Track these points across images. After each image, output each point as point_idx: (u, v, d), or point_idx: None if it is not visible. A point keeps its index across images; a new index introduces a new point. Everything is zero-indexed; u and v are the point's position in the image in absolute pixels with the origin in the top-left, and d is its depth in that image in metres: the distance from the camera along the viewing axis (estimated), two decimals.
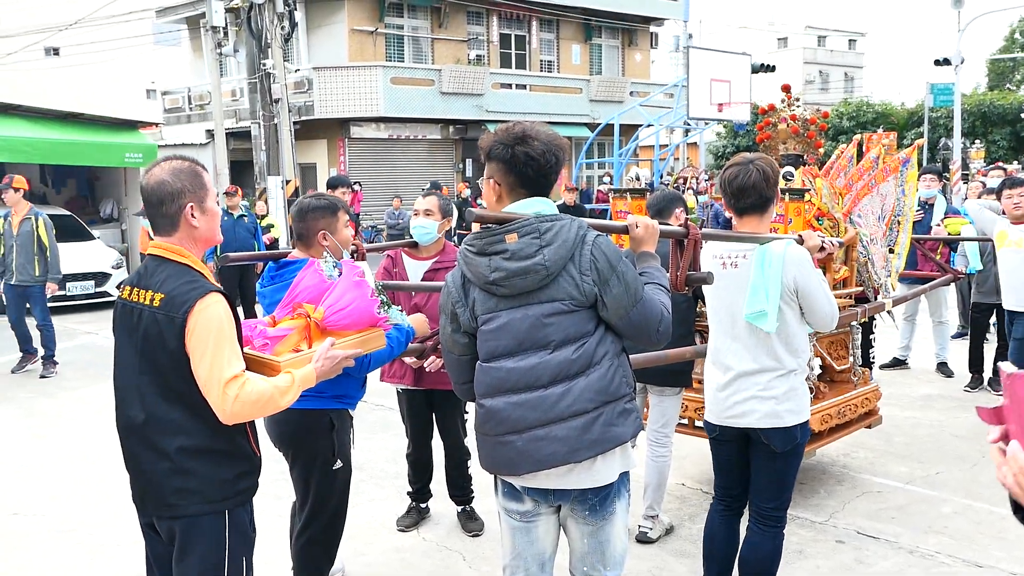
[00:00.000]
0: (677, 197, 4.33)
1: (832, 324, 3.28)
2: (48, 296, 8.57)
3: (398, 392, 4.49)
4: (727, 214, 3.44)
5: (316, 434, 3.37)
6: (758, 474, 3.34)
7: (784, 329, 3.20)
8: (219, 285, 2.42)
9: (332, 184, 7.98)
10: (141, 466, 2.43)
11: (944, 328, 7.91)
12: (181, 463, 2.37)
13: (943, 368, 7.85)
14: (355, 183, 20.16)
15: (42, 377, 8.56)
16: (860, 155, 5.44)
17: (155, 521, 2.47)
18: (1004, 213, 6.23)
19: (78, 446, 6.19)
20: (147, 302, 2.39)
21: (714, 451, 3.51)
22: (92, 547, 4.47)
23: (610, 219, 4.69)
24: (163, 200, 2.41)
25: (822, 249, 3.60)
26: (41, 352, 8.73)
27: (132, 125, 15.95)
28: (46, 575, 4.19)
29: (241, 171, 21.93)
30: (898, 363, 8.07)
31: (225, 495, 2.42)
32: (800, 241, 3.29)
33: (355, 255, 3.60)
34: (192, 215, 2.43)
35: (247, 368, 2.42)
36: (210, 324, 2.32)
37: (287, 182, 14.63)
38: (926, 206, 7.80)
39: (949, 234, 7.26)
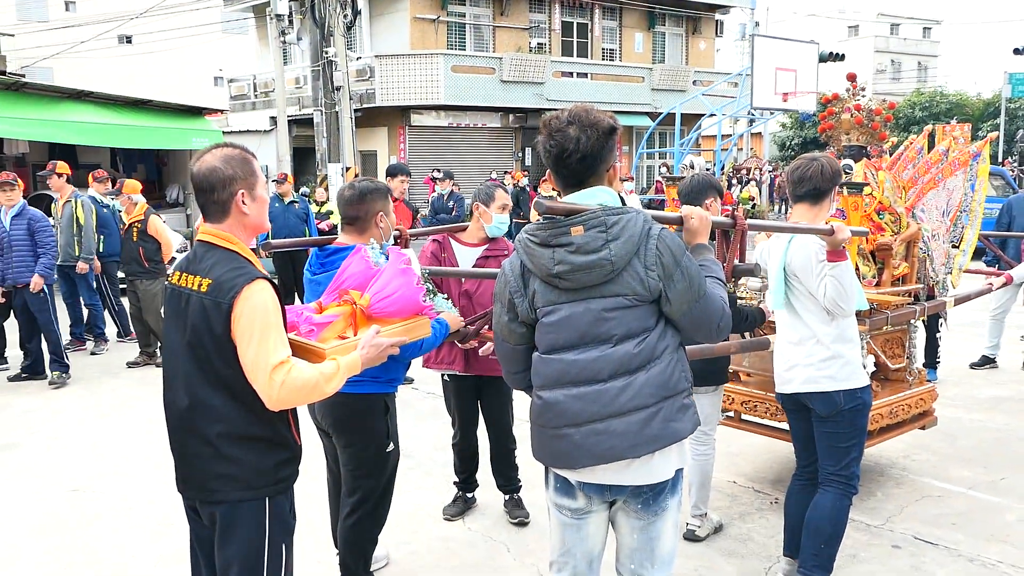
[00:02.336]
0: (709, 184, 4.10)
1: (838, 311, 3.44)
2: (81, 274, 8.68)
3: (444, 379, 4.49)
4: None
5: (373, 418, 3.43)
6: (817, 438, 3.64)
7: (807, 303, 3.53)
8: (265, 272, 2.43)
9: (391, 172, 8.03)
10: (184, 450, 2.46)
11: None
12: (222, 449, 2.39)
13: None
14: (435, 170, 20.20)
15: (92, 354, 8.88)
16: (931, 147, 5.24)
17: (197, 505, 2.50)
18: None
19: (140, 426, 6.35)
20: (195, 287, 2.41)
21: (788, 421, 3.89)
22: (147, 527, 4.58)
23: (664, 208, 4.61)
24: (214, 186, 2.43)
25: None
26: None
27: (199, 112, 16.28)
28: (100, 554, 4.31)
29: (303, 158, 22.28)
30: (987, 361, 7.80)
31: (266, 482, 2.43)
32: (830, 232, 3.33)
33: (398, 240, 3.62)
34: (243, 202, 2.44)
35: (293, 354, 2.43)
36: (256, 311, 2.33)
37: (347, 169, 14.78)
38: None
39: None
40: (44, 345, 7.77)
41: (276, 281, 3.25)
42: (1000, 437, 5.86)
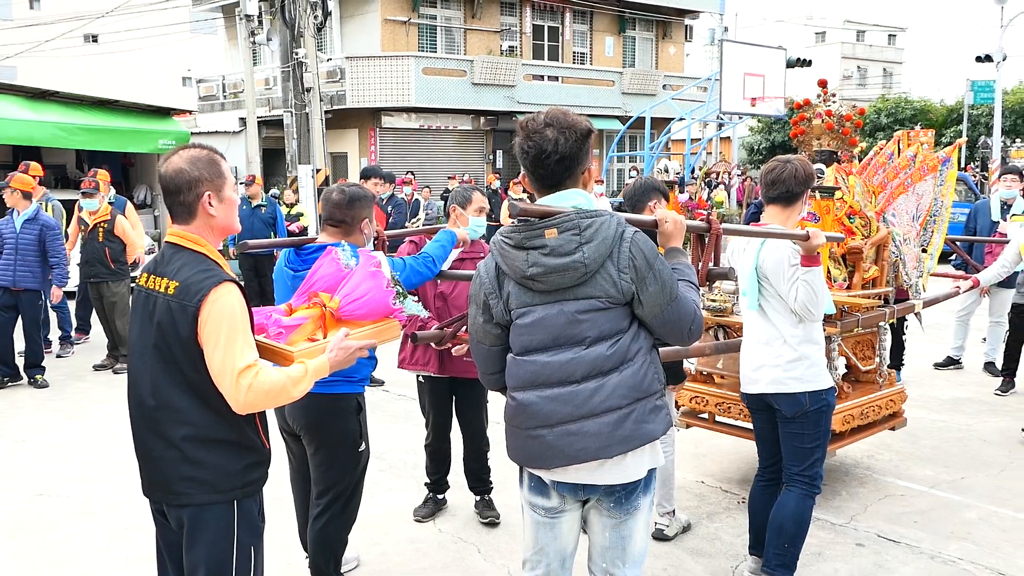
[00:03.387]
0: (653, 187, 4.09)
1: (807, 315, 3.49)
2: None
3: (419, 380, 4.50)
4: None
5: (345, 417, 3.45)
6: (782, 439, 3.69)
7: (776, 304, 3.57)
8: (232, 275, 2.42)
9: (365, 174, 8.06)
10: (150, 453, 2.44)
11: (999, 328, 7.75)
12: (189, 452, 2.37)
13: (990, 368, 7.72)
14: (408, 172, 20.11)
15: (58, 356, 8.74)
16: (899, 153, 5.34)
17: (164, 508, 2.48)
18: None
19: (106, 428, 6.28)
20: (162, 290, 2.39)
21: (752, 421, 3.93)
22: (113, 530, 4.53)
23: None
24: (181, 188, 2.42)
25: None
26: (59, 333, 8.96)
27: (166, 112, 16.10)
28: (66, 557, 4.26)
29: (273, 159, 22.11)
30: (952, 362, 8.00)
31: (233, 486, 2.42)
32: (805, 237, 3.37)
33: (376, 242, 3.64)
34: (210, 203, 2.43)
35: (261, 357, 2.42)
36: (223, 313, 2.33)
37: (317, 171, 14.70)
38: (1004, 207, 7.70)
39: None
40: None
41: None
42: (961, 437, 5.97)
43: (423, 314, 3.26)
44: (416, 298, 3.21)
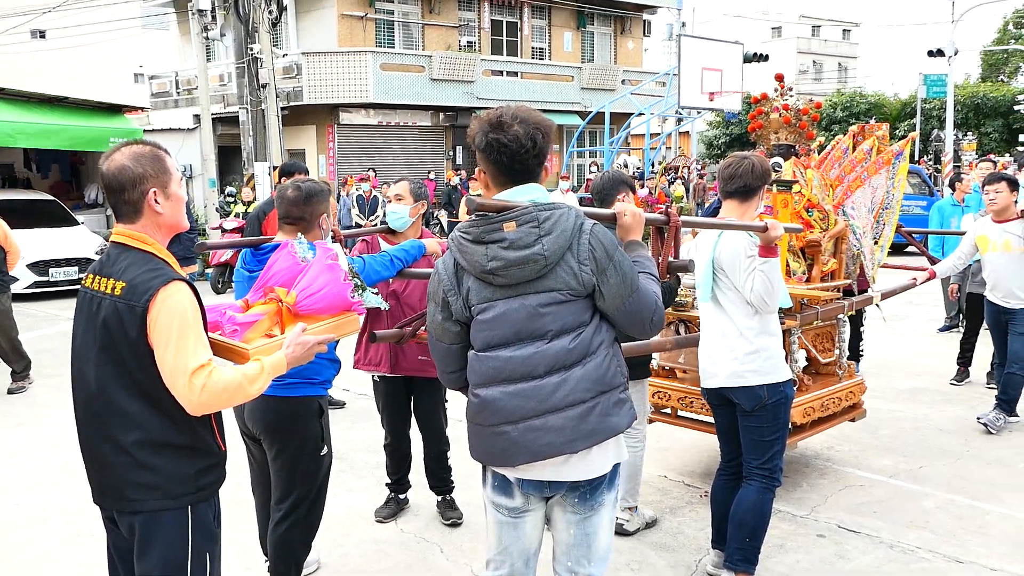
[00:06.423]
0: (620, 181, 4.13)
1: (763, 307, 3.51)
2: None
3: (374, 380, 4.44)
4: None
5: (306, 421, 3.37)
6: (741, 432, 3.68)
7: (731, 296, 3.58)
8: (182, 274, 2.35)
9: (287, 171, 7.61)
10: (100, 460, 2.36)
11: None
12: (140, 458, 2.30)
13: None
14: (370, 169, 19.83)
15: None
16: (854, 146, 5.38)
17: (115, 515, 2.40)
18: None
19: (58, 434, 6.11)
20: (108, 291, 2.31)
21: (713, 416, 3.94)
22: (67, 536, 4.42)
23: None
24: (124, 186, 2.34)
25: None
26: None
27: (117, 109, 15.80)
28: (19, 564, 4.14)
29: (229, 156, 21.79)
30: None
31: (186, 490, 2.35)
32: (764, 229, 3.40)
33: (333, 240, 3.57)
34: (155, 200, 2.36)
35: (215, 355, 2.36)
36: (173, 313, 2.25)
37: (274, 168, 14.51)
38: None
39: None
40: None
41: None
42: (919, 427, 6.06)
43: (383, 307, 3.22)
44: (375, 290, 3.15)
